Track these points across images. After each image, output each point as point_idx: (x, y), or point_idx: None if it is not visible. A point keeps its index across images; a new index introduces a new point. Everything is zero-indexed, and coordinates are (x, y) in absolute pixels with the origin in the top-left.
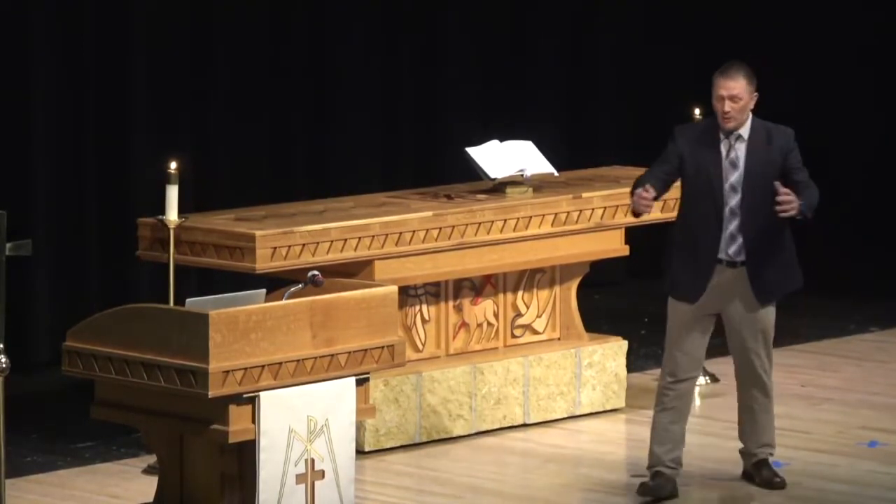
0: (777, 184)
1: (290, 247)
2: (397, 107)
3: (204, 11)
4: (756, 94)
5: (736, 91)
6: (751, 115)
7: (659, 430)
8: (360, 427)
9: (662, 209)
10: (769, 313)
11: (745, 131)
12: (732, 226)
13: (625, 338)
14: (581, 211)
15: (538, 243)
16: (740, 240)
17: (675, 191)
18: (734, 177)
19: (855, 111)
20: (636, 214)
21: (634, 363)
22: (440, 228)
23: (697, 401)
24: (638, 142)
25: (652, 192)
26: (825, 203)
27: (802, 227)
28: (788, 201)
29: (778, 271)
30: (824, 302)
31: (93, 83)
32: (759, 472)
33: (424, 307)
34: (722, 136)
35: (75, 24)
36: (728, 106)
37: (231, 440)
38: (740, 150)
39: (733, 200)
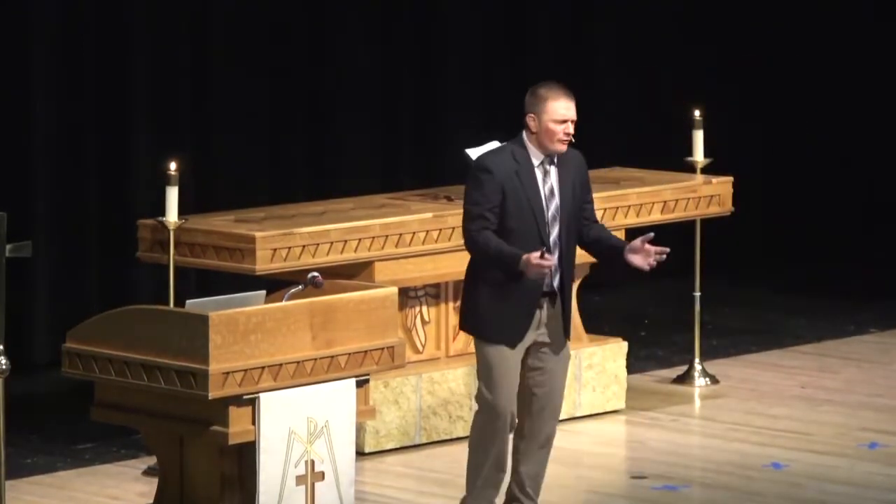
0: (647, 243)
1: (289, 248)
2: (397, 107)
3: (204, 11)
4: None
5: (573, 113)
6: None
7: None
8: (360, 428)
9: (663, 210)
10: (569, 352)
11: (554, 157)
12: (554, 257)
13: (625, 339)
14: None
15: None
16: (560, 271)
17: (674, 192)
18: (553, 206)
19: (855, 114)
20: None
21: (634, 364)
22: (440, 230)
23: (697, 402)
24: (638, 143)
25: (551, 258)
26: (825, 204)
27: (802, 228)
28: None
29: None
30: (824, 303)
31: (93, 83)
32: None
33: (424, 308)
34: (535, 162)
35: (75, 24)
36: (570, 128)
37: (231, 441)
38: (553, 177)
39: (555, 231)
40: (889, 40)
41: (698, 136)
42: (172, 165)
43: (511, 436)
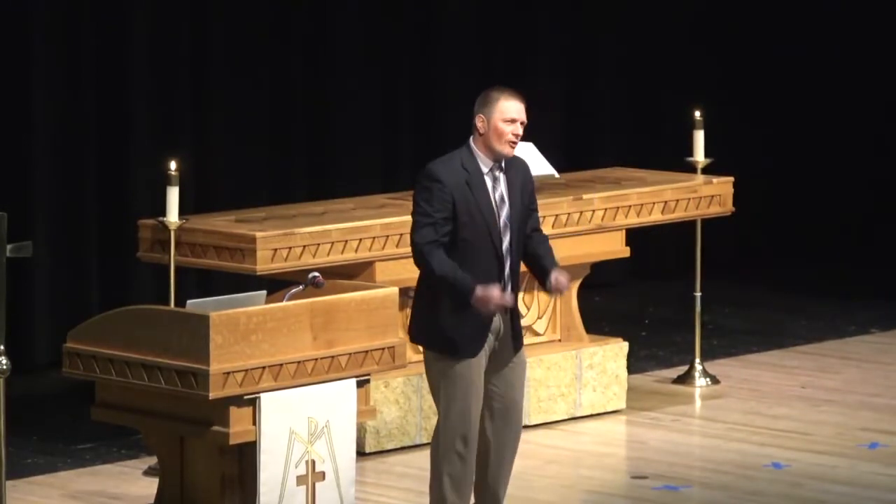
0: (558, 277)
1: (290, 248)
2: (397, 107)
3: (204, 12)
4: None
5: (524, 116)
6: None
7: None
8: (360, 428)
9: (663, 210)
10: (525, 357)
11: (502, 163)
12: (507, 267)
13: (625, 339)
14: (581, 212)
15: None
16: (512, 280)
17: (674, 192)
18: (504, 214)
19: (857, 114)
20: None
21: (635, 365)
22: None
23: (698, 402)
24: (638, 143)
25: (509, 293)
26: (825, 204)
27: (803, 228)
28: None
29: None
30: (824, 303)
31: (93, 83)
32: None
33: None
34: (484, 170)
35: (75, 24)
36: (519, 130)
37: (232, 442)
38: (502, 184)
39: (507, 239)
40: (889, 39)
41: (698, 136)
42: (172, 165)
43: (473, 458)
